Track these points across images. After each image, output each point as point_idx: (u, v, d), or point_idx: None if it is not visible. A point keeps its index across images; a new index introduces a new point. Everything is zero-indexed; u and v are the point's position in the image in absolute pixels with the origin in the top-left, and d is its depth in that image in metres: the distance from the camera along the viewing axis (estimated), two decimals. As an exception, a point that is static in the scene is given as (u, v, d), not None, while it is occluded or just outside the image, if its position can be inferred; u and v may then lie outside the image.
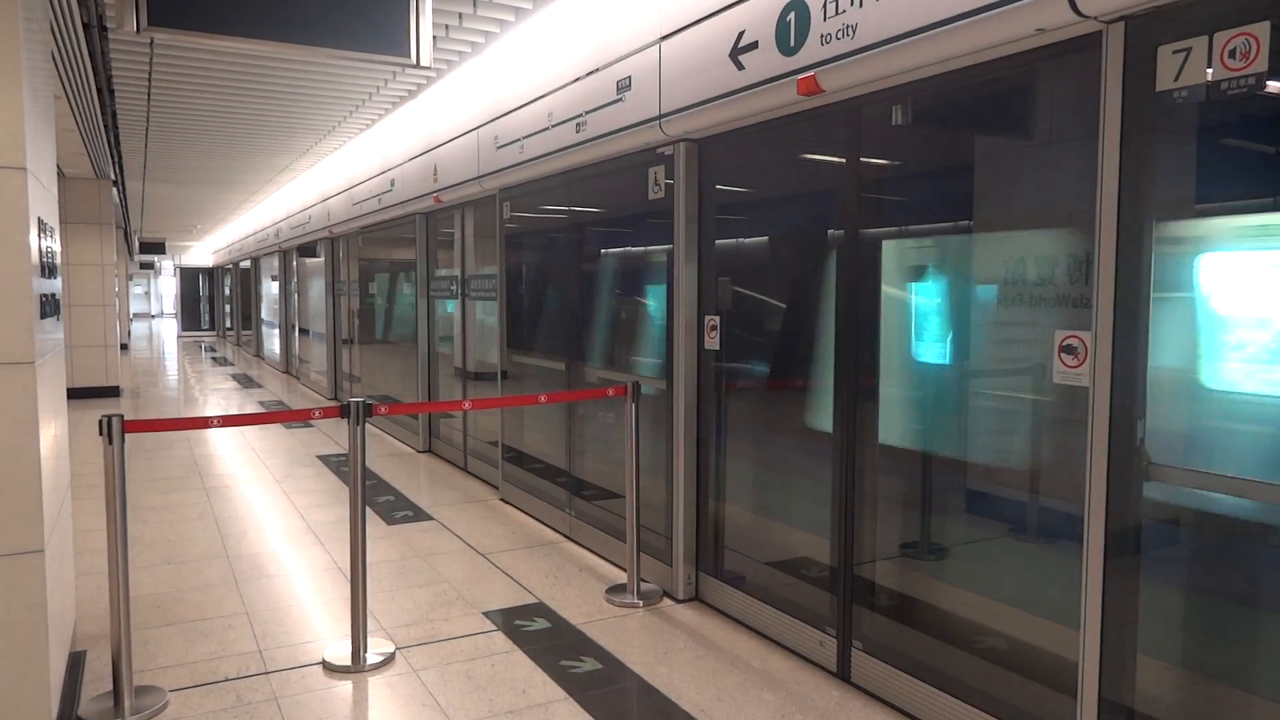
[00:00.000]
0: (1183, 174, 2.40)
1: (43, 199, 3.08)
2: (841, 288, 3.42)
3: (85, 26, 5.03)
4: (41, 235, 2.98)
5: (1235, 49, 2.11)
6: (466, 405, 4.27)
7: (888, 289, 3.31)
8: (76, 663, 3.56)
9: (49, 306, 3.10)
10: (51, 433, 3.07)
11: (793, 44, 3.28)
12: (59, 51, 4.77)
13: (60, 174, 10.47)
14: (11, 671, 2.74)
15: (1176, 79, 2.24)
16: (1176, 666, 2.51)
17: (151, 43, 5.63)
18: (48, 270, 3.13)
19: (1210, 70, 2.17)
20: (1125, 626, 2.46)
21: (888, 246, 3.30)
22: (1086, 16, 2.34)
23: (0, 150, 2.62)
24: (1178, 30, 2.23)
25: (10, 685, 2.74)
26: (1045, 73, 2.73)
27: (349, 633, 3.68)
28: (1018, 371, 2.96)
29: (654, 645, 3.81)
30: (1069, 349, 2.56)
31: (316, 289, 13.44)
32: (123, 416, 3.17)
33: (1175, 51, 2.23)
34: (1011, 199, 2.98)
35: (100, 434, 3.14)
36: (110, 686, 3.27)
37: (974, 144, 3.11)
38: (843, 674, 3.47)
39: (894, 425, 3.39)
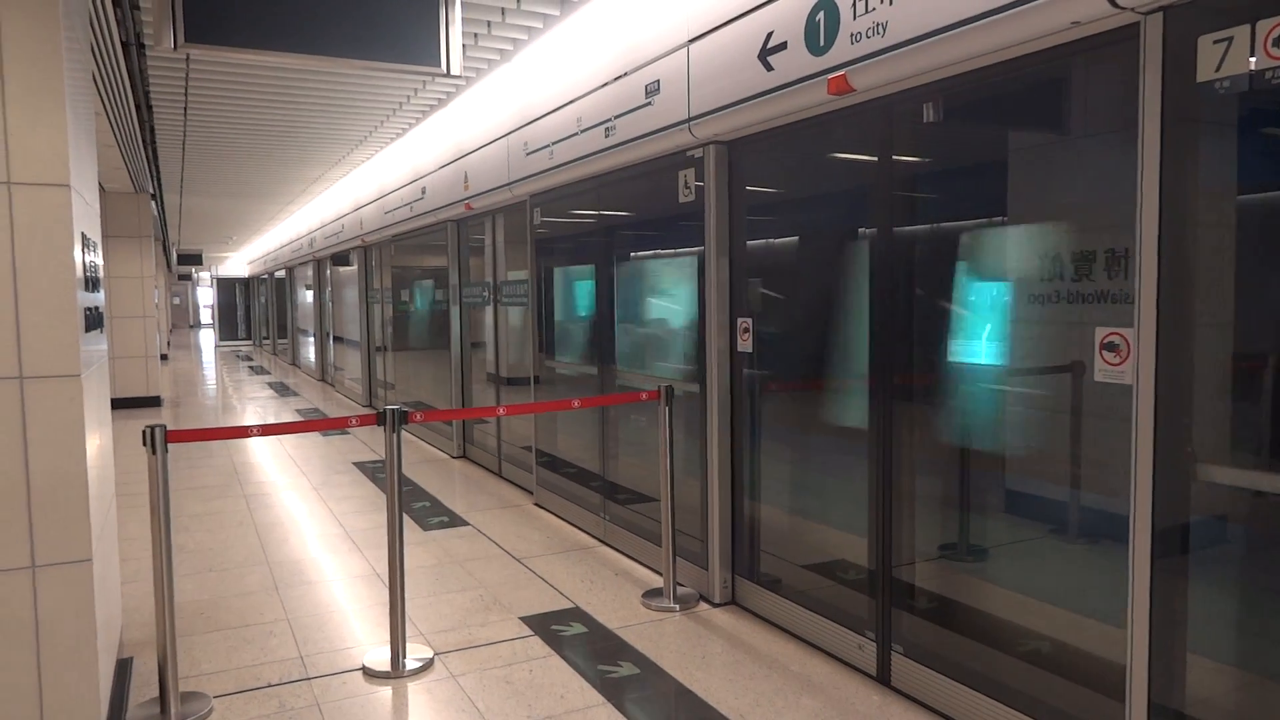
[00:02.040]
0: (1227, 165, 2.34)
1: (86, 215, 3.14)
2: (876, 286, 3.39)
3: (124, 45, 5.14)
4: (85, 250, 3.04)
5: (1279, 37, 2.06)
6: (501, 411, 4.30)
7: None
8: (124, 669, 3.62)
9: (93, 320, 3.16)
10: (97, 443, 3.14)
11: (822, 43, 3.26)
12: (99, 71, 4.88)
13: (101, 189, 10.70)
14: (62, 678, 2.80)
15: (1218, 69, 2.19)
16: (1231, 666, 2.45)
17: (188, 59, 5.73)
18: (91, 284, 3.19)
19: (1254, 59, 2.12)
20: (1174, 627, 2.40)
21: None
22: (1123, 8, 2.30)
23: (46, 169, 2.69)
24: (1219, 20, 2.18)
25: (60, 692, 2.80)
26: (1081, 66, 2.68)
27: (388, 638, 3.72)
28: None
29: (691, 650, 3.80)
30: (1110, 346, 2.51)
31: (350, 297, 13.60)
32: (165, 427, 3.23)
33: (1216, 41, 2.18)
34: (1047, 194, 2.94)
35: (144, 444, 3.20)
36: (157, 692, 3.32)
37: (1008, 140, 3.07)
38: (883, 678, 3.43)
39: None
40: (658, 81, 4.36)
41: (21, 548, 2.73)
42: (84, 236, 3.03)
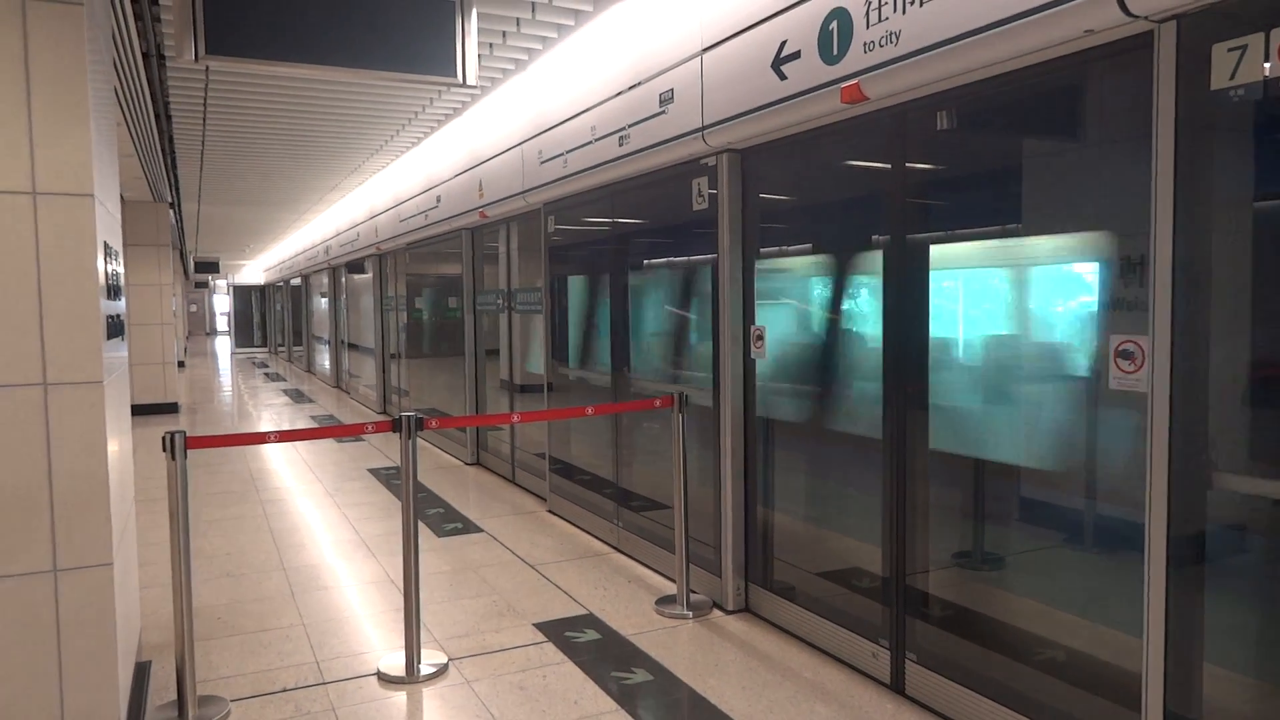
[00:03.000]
0: (1242, 172, 2.34)
1: (108, 224, 3.19)
2: (889, 293, 3.40)
3: (144, 56, 5.21)
4: (107, 259, 3.09)
5: (1294, 45, 2.06)
6: (515, 418, 4.32)
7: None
8: (142, 672, 3.65)
9: (115, 327, 3.21)
10: (117, 449, 3.18)
11: (835, 52, 3.28)
12: (119, 82, 4.95)
13: (121, 198, 10.81)
14: (82, 681, 2.83)
15: (1232, 77, 2.19)
16: (1249, 677, 2.44)
17: (207, 70, 5.80)
18: (113, 292, 3.24)
19: (1268, 66, 2.12)
20: (1191, 636, 2.39)
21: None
22: (1137, 16, 2.31)
23: (70, 180, 2.73)
24: (1232, 28, 2.18)
25: (80, 694, 2.83)
26: (1094, 74, 2.69)
27: (403, 644, 3.74)
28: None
29: (704, 657, 3.81)
30: (1125, 354, 2.51)
31: (365, 305, 13.69)
32: (185, 433, 3.27)
33: (1230, 49, 2.19)
34: (1061, 202, 2.94)
35: (164, 450, 3.24)
36: (174, 696, 3.36)
37: (1022, 147, 3.08)
38: (897, 686, 3.43)
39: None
40: (671, 90, 4.39)
41: (44, 551, 2.77)
42: (106, 245, 3.08)
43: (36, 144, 2.69)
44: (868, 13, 3.11)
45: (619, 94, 4.91)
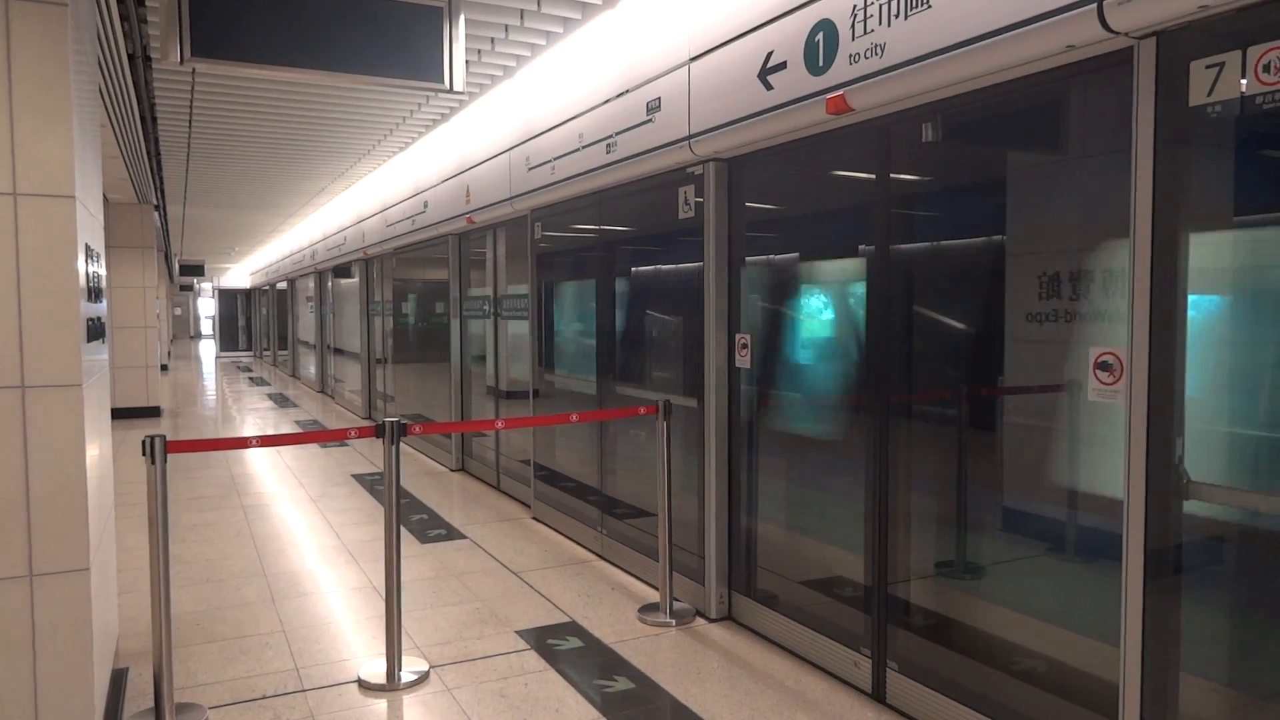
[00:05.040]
0: (1219, 187, 2.37)
1: (89, 226, 3.17)
2: (873, 303, 3.42)
3: (130, 57, 5.18)
4: (88, 261, 3.07)
5: (1269, 63, 2.09)
6: (500, 424, 4.31)
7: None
8: (119, 680, 3.62)
9: (95, 330, 3.18)
10: (96, 453, 3.15)
11: (821, 64, 3.30)
12: (104, 83, 4.92)
13: (104, 200, 10.74)
14: (57, 688, 2.80)
15: (1210, 93, 2.22)
16: (1223, 686, 2.45)
17: (193, 72, 5.78)
18: (94, 294, 3.21)
19: (1244, 83, 2.15)
20: (1167, 646, 2.41)
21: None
22: (1117, 33, 2.33)
23: (51, 181, 2.71)
24: (1210, 45, 2.21)
25: (56, 701, 2.80)
26: (1076, 88, 2.72)
27: (384, 651, 3.72)
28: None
29: (687, 665, 3.80)
30: (1104, 366, 2.53)
31: (351, 309, 13.64)
32: (165, 437, 3.24)
33: (1208, 66, 2.22)
34: (1044, 214, 2.96)
35: (143, 454, 3.21)
36: (152, 703, 3.32)
37: (1005, 160, 3.10)
38: (878, 695, 3.43)
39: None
40: (659, 99, 4.40)
41: (19, 556, 2.74)
42: (88, 247, 3.06)
43: (17, 144, 2.68)
44: (853, 25, 3.13)
45: (607, 102, 4.92)
